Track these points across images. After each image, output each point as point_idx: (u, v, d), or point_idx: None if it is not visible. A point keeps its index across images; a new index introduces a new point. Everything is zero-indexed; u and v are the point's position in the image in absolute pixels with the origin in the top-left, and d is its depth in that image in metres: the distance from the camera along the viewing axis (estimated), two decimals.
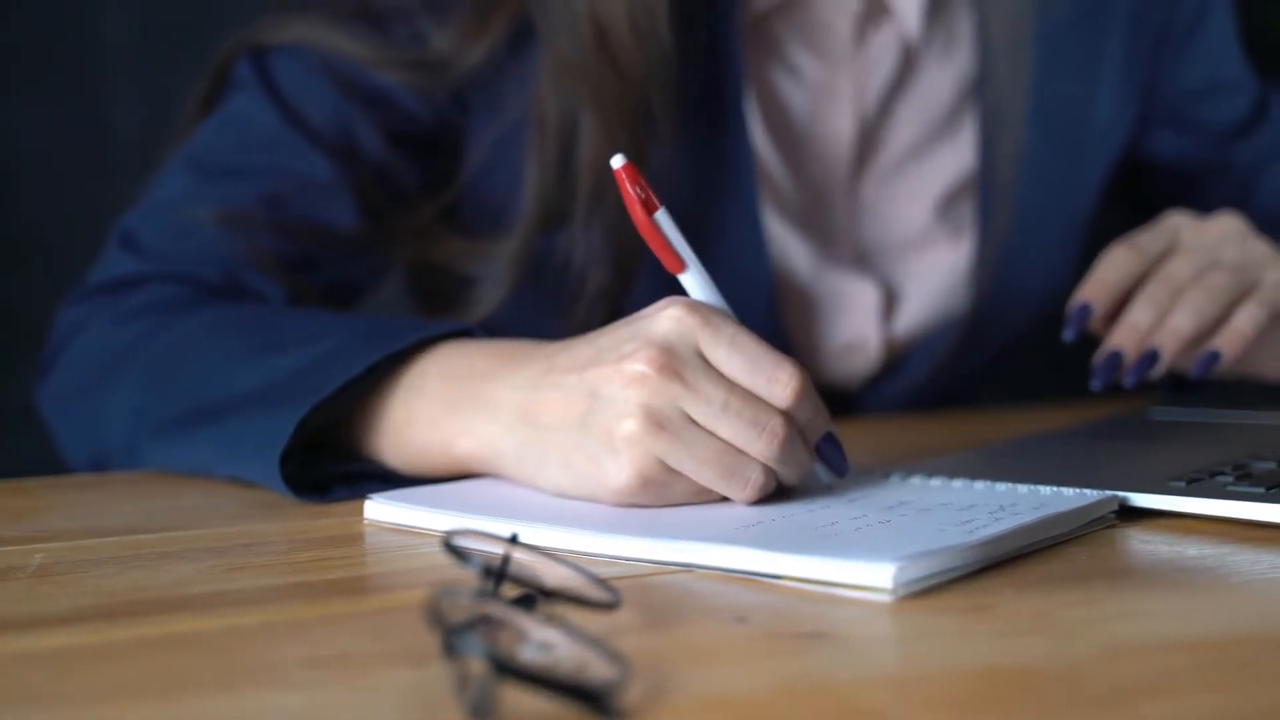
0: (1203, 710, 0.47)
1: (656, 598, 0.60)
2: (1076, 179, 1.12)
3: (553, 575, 0.56)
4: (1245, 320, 0.91)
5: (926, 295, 1.09)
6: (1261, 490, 0.70)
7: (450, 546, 0.53)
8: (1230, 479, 0.73)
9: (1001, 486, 0.74)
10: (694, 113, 1.00)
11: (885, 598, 0.58)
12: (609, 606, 0.55)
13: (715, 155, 1.01)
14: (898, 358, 1.10)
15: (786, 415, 0.69)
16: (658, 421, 0.68)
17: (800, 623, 0.57)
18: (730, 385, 0.68)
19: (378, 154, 0.96)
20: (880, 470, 0.79)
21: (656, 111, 0.95)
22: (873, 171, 1.07)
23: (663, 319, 0.69)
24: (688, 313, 0.69)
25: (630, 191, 0.70)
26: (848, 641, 0.55)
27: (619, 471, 0.69)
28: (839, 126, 1.05)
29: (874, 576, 0.59)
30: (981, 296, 1.09)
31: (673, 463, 0.68)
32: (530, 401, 0.72)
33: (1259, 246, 0.94)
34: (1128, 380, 0.91)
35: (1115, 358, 0.90)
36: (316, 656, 0.53)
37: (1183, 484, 0.73)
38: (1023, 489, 0.74)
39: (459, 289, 1.00)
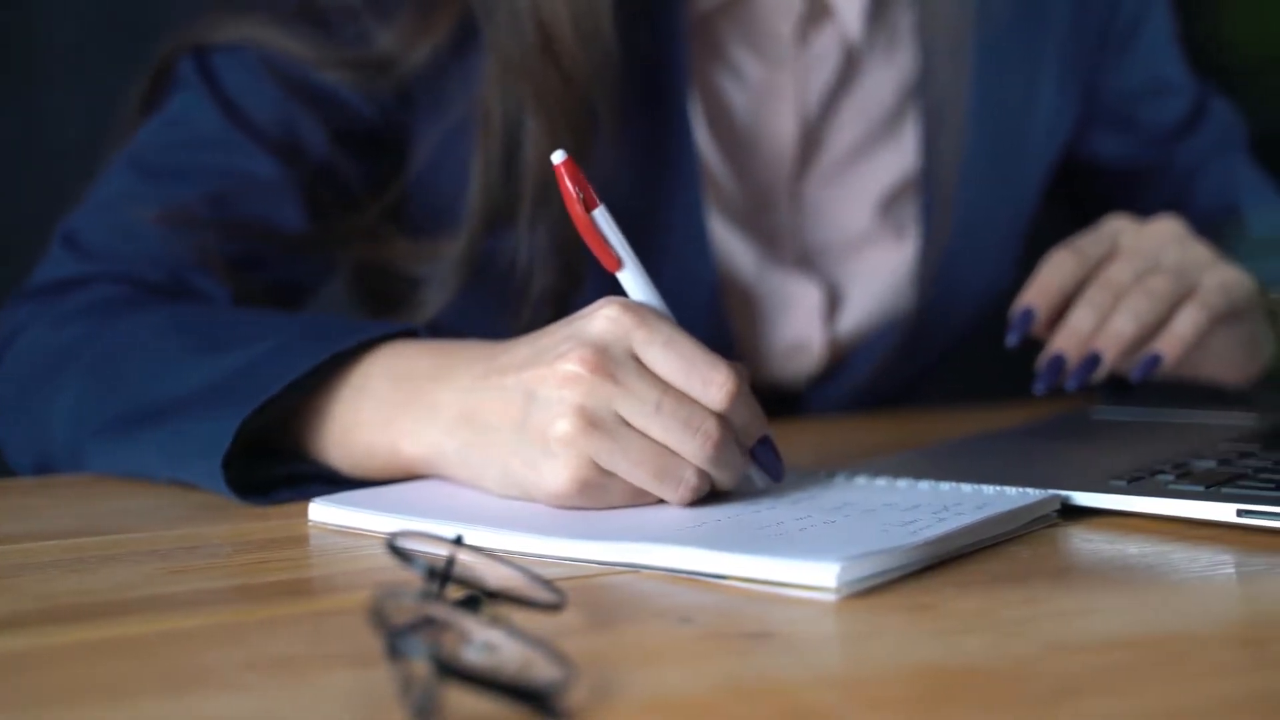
0: (1143, 706, 0.48)
1: (602, 598, 0.60)
2: (1017, 179, 1.13)
3: (497, 576, 0.56)
4: (1185, 323, 0.91)
5: (870, 296, 1.09)
6: (1201, 489, 0.71)
7: (394, 548, 0.53)
8: (1171, 477, 0.74)
9: (945, 486, 0.75)
10: (639, 113, 1.00)
11: (830, 597, 0.59)
12: (554, 607, 0.55)
13: (660, 156, 1.02)
14: (841, 358, 1.11)
15: (721, 417, 0.69)
16: (591, 422, 0.68)
17: (745, 623, 0.57)
18: (664, 386, 0.68)
19: (322, 153, 0.96)
20: (825, 470, 0.80)
21: (600, 112, 0.95)
22: (815, 172, 1.08)
23: (598, 319, 0.69)
24: (623, 312, 0.69)
25: (569, 188, 0.70)
26: (792, 641, 0.55)
27: (555, 475, 0.69)
28: (781, 127, 1.06)
29: (818, 576, 0.59)
30: (924, 297, 1.09)
31: (606, 464, 0.68)
32: (471, 404, 0.72)
33: (1198, 249, 0.95)
34: (1070, 384, 0.91)
35: (1058, 361, 0.91)
36: (259, 659, 0.53)
37: (1124, 483, 0.73)
38: (966, 488, 0.74)
39: (405, 290, 0.99)
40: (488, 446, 0.71)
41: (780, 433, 1.01)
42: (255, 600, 0.62)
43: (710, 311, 1.05)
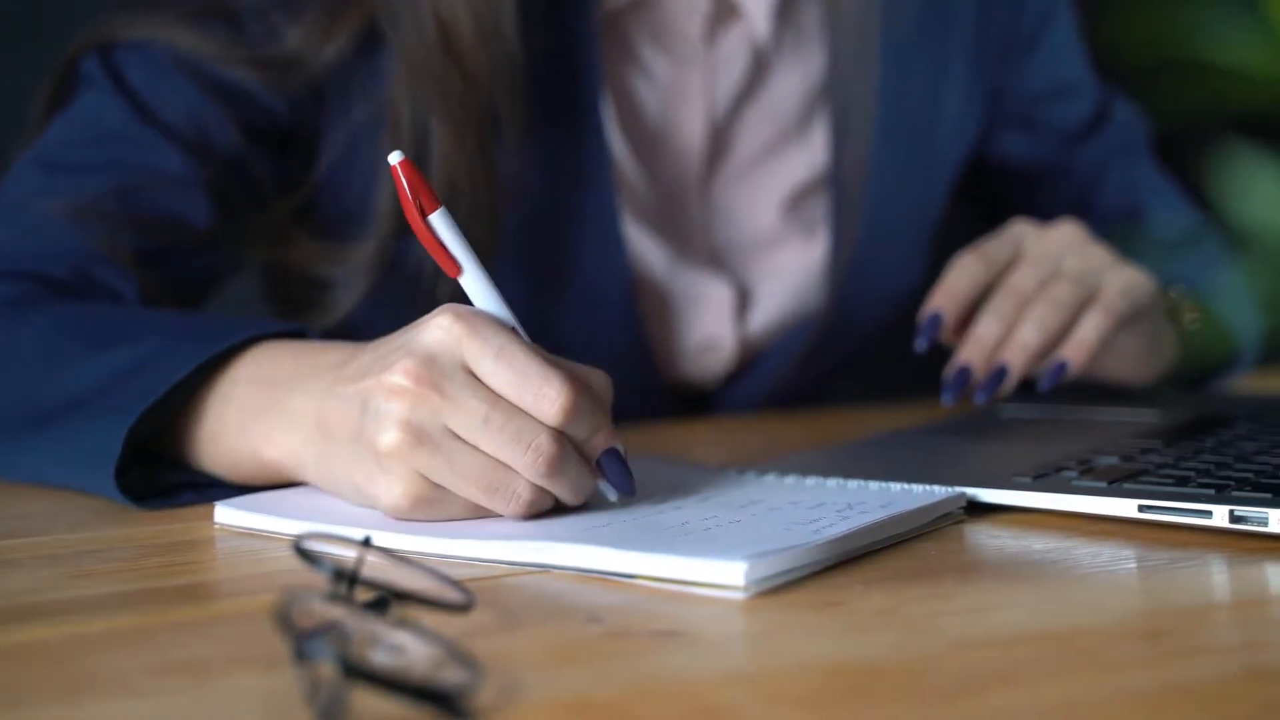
0: (1045, 700, 0.48)
1: (511, 599, 0.60)
2: (924, 181, 1.14)
3: (406, 578, 0.56)
4: (1089, 329, 0.93)
5: (780, 295, 1.10)
6: (1104, 485, 0.72)
7: (301, 550, 0.53)
8: (1074, 474, 0.75)
9: (852, 484, 0.75)
10: (550, 113, 1.00)
11: (738, 595, 0.59)
12: (462, 608, 0.55)
13: (572, 156, 1.02)
14: (753, 357, 1.11)
15: (556, 432, 0.67)
16: (417, 436, 0.66)
17: (654, 621, 0.57)
18: (494, 399, 0.66)
19: (232, 148, 0.95)
20: (735, 468, 0.80)
21: (504, 114, 0.95)
22: (725, 172, 1.08)
23: (430, 328, 0.67)
24: (455, 322, 0.67)
25: (404, 190, 0.68)
26: (700, 639, 0.56)
27: (389, 489, 0.67)
28: (690, 127, 1.06)
29: (725, 575, 0.59)
30: (835, 296, 1.10)
31: (435, 478, 0.67)
32: (321, 412, 0.71)
33: (1099, 253, 0.96)
34: (979, 397, 0.93)
35: (965, 372, 0.92)
36: (164, 664, 0.53)
37: (1029, 480, 0.74)
38: (873, 486, 0.75)
39: (314, 293, 0.99)
40: (337, 457, 0.70)
41: (691, 431, 1.01)
42: (160, 604, 0.61)
43: (624, 310, 1.05)
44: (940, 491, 0.72)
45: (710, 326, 1.08)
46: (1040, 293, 0.93)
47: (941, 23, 1.12)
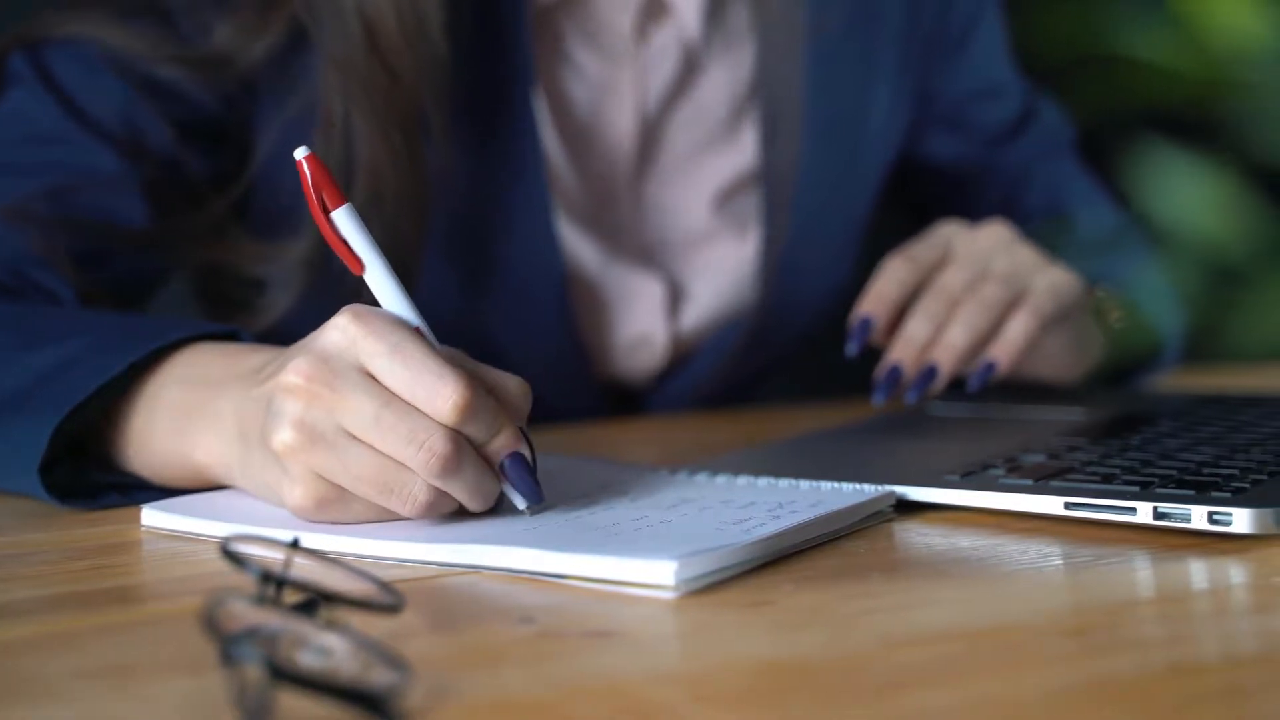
0: (973, 696, 0.49)
1: (442, 600, 0.60)
2: (854, 180, 1.15)
3: (334, 580, 0.56)
4: (1017, 330, 0.94)
5: (712, 292, 1.10)
6: (1030, 483, 0.73)
7: (228, 552, 0.53)
8: (1002, 472, 0.75)
9: (783, 483, 0.76)
10: (481, 110, 1.00)
11: (669, 595, 0.59)
12: (392, 610, 0.54)
13: (504, 153, 1.01)
14: (685, 354, 1.12)
15: (451, 431, 0.66)
16: (310, 435, 0.66)
17: (585, 621, 0.57)
18: (387, 397, 0.65)
19: (165, 146, 0.94)
20: (667, 468, 0.80)
21: (431, 112, 0.95)
22: (656, 169, 1.08)
23: (328, 328, 0.67)
24: (352, 321, 0.66)
25: (308, 186, 0.68)
26: (632, 639, 0.56)
27: (291, 491, 0.67)
28: (621, 124, 1.06)
29: (655, 574, 0.59)
30: (766, 294, 1.10)
31: (331, 478, 0.66)
32: (241, 415, 0.70)
33: (1027, 253, 0.97)
34: (909, 397, 0.94)
35: (895, 372, 0.93)
36: (91, 668, 0.52)
37: (957, 478, 0.75)
38: (803, 485, 0.75)
39: (250, 293, 0.98)
40: (252, 461, 0.70)
41: (622, 431, 1.01)
42: (87, 608, 0.60)
43: (557, 307, 1.05)
44: (870, 490, 0.73)
45: (642, 323, 1.08)
46: (969, 294, 0.94)
47: (870, 24, 1.12)
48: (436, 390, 0.65)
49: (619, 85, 1.06)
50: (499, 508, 0.70)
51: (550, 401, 1.05)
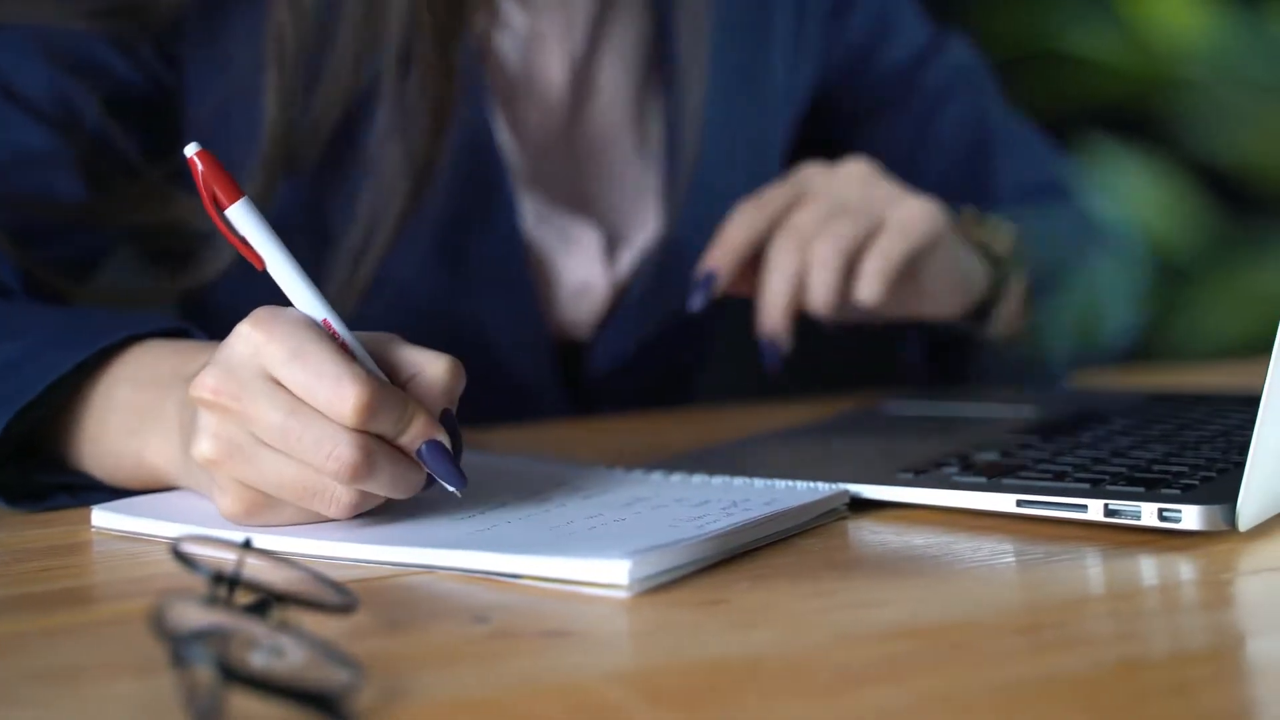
0: (923, 693, 0.49)
1: (395, 600, 0.60)
2: (759, 136, 1.14)
3: (287, 580, 0.55)
4: (876, 262, 0.94)
5: (648, 237, 1.10)
6: (983, 480, 0.73)
7: (179, 553, 0.52)
8: (955, 469, 0.76)
9: (738, 481, 0.76)
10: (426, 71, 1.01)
11: (623, 594, 0.59)
12: (345, 610, 0.54)
13: (453, 111, 1.01)
14: (619, 300, 1.11)
15: (357, 434, 0.64)
16: (227, 447, 0.65)
17: (540, 621, 0.57)
18: (293, 405, 0.65)
19: (96, 121, 0.94)
20: (621, 467, 0.80)
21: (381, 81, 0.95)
22: (588, 117, 1.08)
23: (233, 337, 0.66)
24: (254, 329, 0.65)
25: (201, 184, 0.67)
26: (586, 638, 0.56)
27: (221, 499, 0.67)
28: (551, 73, 1.06)
29: (609, 573, 0.59)
30: (672, 224, 1.09)
31: (254, 486, 0.66)
32: (183, 419, 0.70)
33: (884, 186, 0.97)
34: (770, 363, 0.96)
35: (771, 348, 0.95)
36: (41, 670, 0.52)
37: (911, 475, 0.75)
38: (757, 484, 0.75)
39: (190, 248, 0.98)
40: (192, 466, 0.70)
41: (575, 431, 1.01)
42: (36, 609, 0.60)
43: (519, 262, 1.05)
44: (824, 488, 0.73)
45: (583, 271, 1.08)
46: (822, 229, 0.94)
47: None
48: (336, 394, 0.64)
49: (546, 34, 1.06)
50: (450, 505, 0.70)
51: (508, 358, 1.05)
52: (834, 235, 0.94)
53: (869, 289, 0.94)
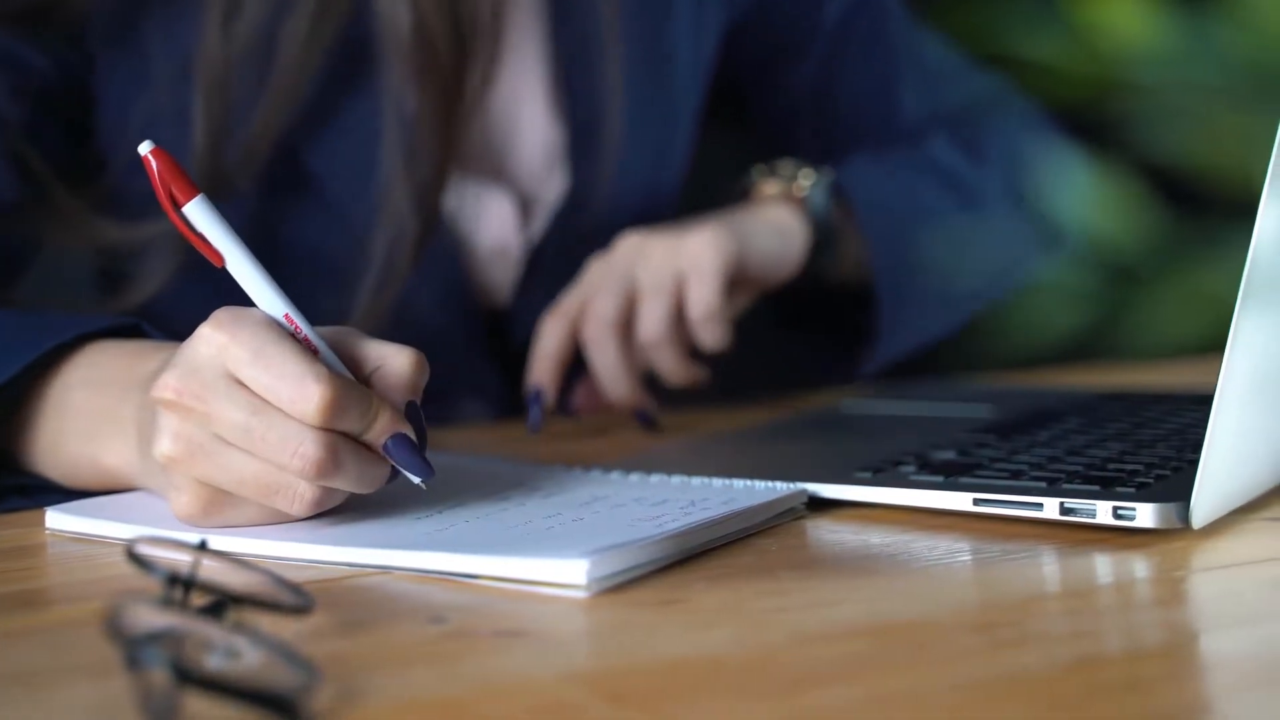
0: (880, 692, 0.49)
1: (352, 601, 0.60)
2: (666, 105, 1.14)
3: (243, 582, 0.55)
4: (698, 312, 0.96)
5: (556, 197, 1.10)
6: (940, 479, 0.73)
7: (134, 555, 0.52)
8: (912, 469, 0.76)
9: (696, 481, 0.76)
10: (341, 57, 1.00)
11: (580, 594, 0.59)
12: (300, 611, 0.54)
13: (361, 77, 1.01)
14: (535, 262, 1.11)
15: (322, 432, 0.64)
16: (189, 447, 0.65)
17: (497, 620, 0.57)
18: (256, 405, 0.65)
19: (19, 116, 0.94)
20: (579, 466, 0.80)
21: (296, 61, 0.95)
22: (498, 80, 1.07)
23: (195, 338, 0.66)
24: (216, 330, 0.65)
25: (156, 183, 0.66)
26: (543, 638, 0.56)
27: (177, 499, 0.66)
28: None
29: (567, 573, 0.59)
30: (580, 179, 1.09)
31: (215, 484, 0.66)
32: (140, 421, 0.70)
33: (658, 243, 0.98)
34: (645, 425, 0.98)
35: (643, 415, 0.98)
36: None
37: (868, 475, 0.75)
38: (716, 483, 0.75)
39: (126, 265, 0.97)
40: (149, 467, 0.69)
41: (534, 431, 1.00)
42: None
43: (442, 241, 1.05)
44: (782, 488, 0.73)
45: (497, 234, 1.07)
46: (637, 319, 0.97)
47: None
48: (299, 393, 0.64)
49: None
50: (407, 505, 0.70)
51: (434, 326, 1.05)
52: (647, 321, 0.96)
53: (709, 338, 0.97)
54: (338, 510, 0.68)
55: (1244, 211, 0.62)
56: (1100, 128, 1.32)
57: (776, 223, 1.04)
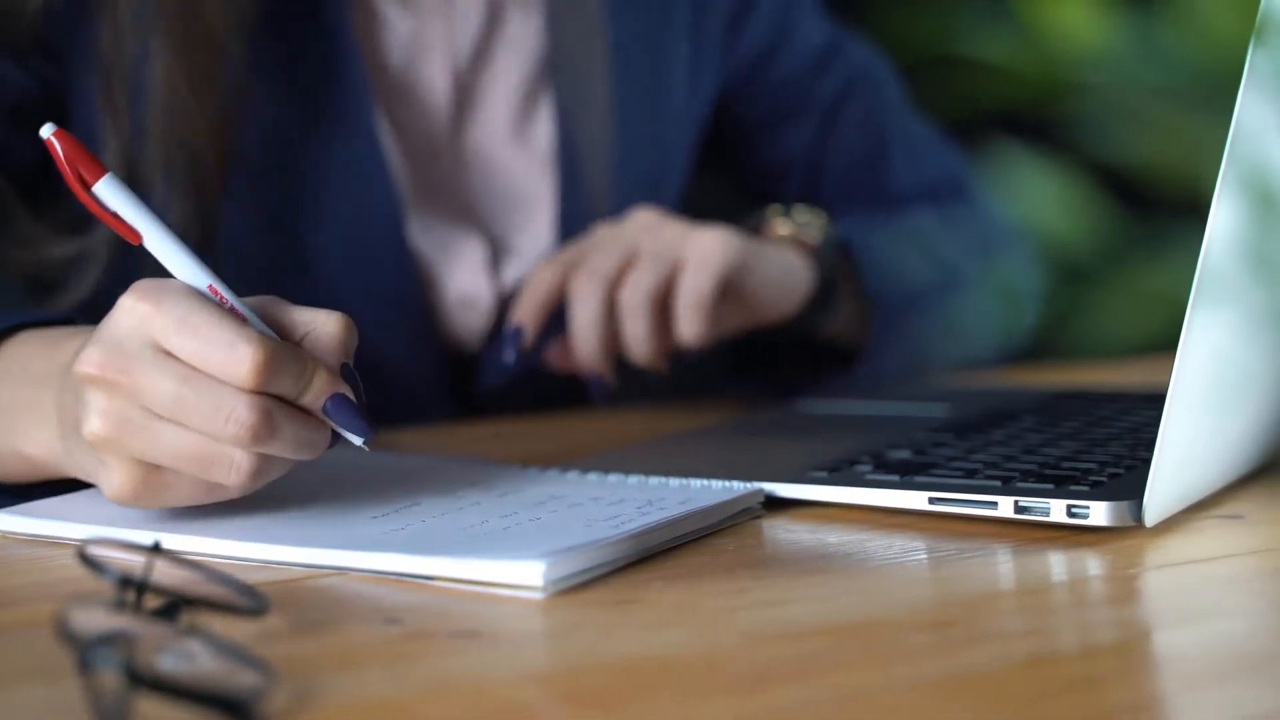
0: (835, 691, 0.49)
1: (307, 602, 0.59)
2: (659, 156, 1.14)
3: (196, 583, 0.55)
4: (686, 299, 0.95)
5: (535, 249, 1.09)
6: (896, 478, 0.73)
7: (85, 557, 0.52)
8: (868, 468, 0.76)
9: (653, 481, 0.76)
10: (300, 66, 0.99)
11: (537, 595, 0.59)
12: (255, 612, 0.54)
13: (330, 107, 1.00)
14: (507, 313, 1.11)
15: (255, 395, 0.63)
16: (118, 423, 0.64)
17: (452, 622, 0.57)
18: (185, 374, 0.63)
19: None
20: (536, 466, 0.80)
21: (228, 43, 0.94)
22: (477, 125, 1.08)
23: (116, 311, 0.65)
24: (138, 300, 0.64)
25: (63, 165, 0.65)
26: (499, 639, 0.56)
27: (109, 479, 0.65)
28: (433, 79, 1.05)
29: (524, 575, 0.59)
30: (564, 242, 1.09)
31: (148, 459, 0.64)
32: (61, 406, 0.68)
33: (673, 227, 0.98)
34: (597, 398, 0.98)
35: (598, 381, 0.97)
36: None
37: (824, 474, 0.76)
38: (673, 483, 0.75)
39: (58, 270, 0.96)
40: (76, 451, 0.68)
41: (487, 430, 1.01)
42: None
43: (402, 273, 1.04)
44: (739, 487, 0.73)
45: (466, 283, 1.07)
46: (624, 280, 0.95)
47: (660, 15, 1.13)
48: (230, 357, 0.63)
49: (429, 39, 1.05)
50: (365, 504, 0.70)
51: (398, 363, 1.04)
52: (635, 284, 0.95)
53: (689, 328, 0.95)
54: (292, 507, 0.68)
55: (1193, 211, 0.63)
56: (1050, 128, 1.32)
57: (785, 260, 1.03)
